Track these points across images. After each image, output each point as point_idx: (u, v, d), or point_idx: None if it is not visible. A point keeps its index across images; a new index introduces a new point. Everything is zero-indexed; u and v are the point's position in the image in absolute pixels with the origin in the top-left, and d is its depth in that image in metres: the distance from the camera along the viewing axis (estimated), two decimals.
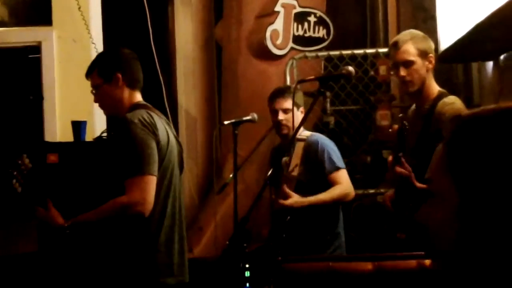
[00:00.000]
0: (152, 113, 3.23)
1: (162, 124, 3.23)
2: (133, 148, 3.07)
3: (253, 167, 5.61)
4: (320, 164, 4.13)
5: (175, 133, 3.45)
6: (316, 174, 4.14)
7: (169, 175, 3.22)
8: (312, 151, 4.17)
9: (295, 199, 4.00)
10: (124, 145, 3.10)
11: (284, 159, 3.97)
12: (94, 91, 3.40)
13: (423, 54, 3.59)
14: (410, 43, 3.61)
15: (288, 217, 4.18)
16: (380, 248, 4.24)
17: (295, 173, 4.18)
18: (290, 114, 4.19)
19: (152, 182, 3.08)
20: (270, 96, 4.36)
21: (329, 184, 4.11)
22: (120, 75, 3.30)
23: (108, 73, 3.32)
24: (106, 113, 3.49)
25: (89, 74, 3.40)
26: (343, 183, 4.12)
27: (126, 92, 3.31)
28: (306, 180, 4.13)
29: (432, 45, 3.67)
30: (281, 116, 4.26)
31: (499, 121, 1.07)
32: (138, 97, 3.36)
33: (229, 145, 5.14)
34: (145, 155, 3.07)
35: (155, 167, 3.10)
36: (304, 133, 4.26)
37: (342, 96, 5.40)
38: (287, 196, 3.98)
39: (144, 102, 3.36)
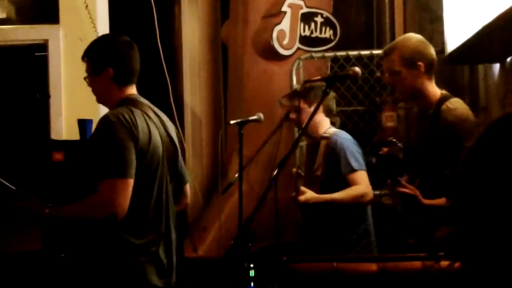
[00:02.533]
0: (135, 109, 3.09)
1: (143, 121, 3.07)
2: (109, 149, 2.96)
3: (258, 167, 5.61)
4: (337, 165, 4.13)
5: (169, 124, 3.28)
6: (335, 174, 4.14)
7: (152, 175, 3.10)
8: (331, 151, 4.17)
9: (308, 195, 4.03)
10: (101, 146, 3.00)
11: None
12: (85, 77, 3.25)
13: (409, 64, 3.52)
14: (396, 53, 3.55)
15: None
16: (386, 248, 4.24)
17: (318, 172, 4.21)
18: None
19: (126, 184, 2.95)
20: None
21: (348, 184, 4.12)
22: (111, 70, 3.15)
23: (98, 65, 3.17)
24: (96, 100, 3.31)
25: (83, 58, 3.25)
26: (360, 184, 4.12)
27: (114, 88, 3.16)
28: (328, 179, 4.14)
29: (425, 51, 3.55)
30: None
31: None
32: (130, 90, 3.20)
33: (234, 144, 5.14)
34: (121, 158, 2.95)
35: (131, 169, 2.96)
36: (329, 130, 4.27)
37: (348, 97, 5.39)
38: (301, 193, 4.02)
39: (133, 97, 3.19)
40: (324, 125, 4.31)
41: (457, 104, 3.51)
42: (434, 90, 3.58)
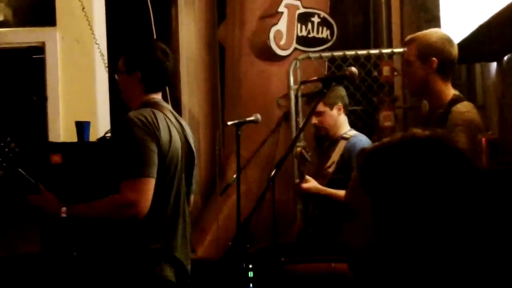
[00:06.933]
0: (157, 112, 3.13)
1: (165, 124, 3.13)
2: (131, 149, 3.00)
3: (256, 168, 5.61)
4: (351, 169, 4.08)
5: (188, 132, 3.34)
6: (346, 176, 4.12)
7: (170, 178, 3.14)
8: (347, 153, 4.18)
9: (311, 184, 4.05)
10: (123, 146, 3.03)
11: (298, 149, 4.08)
12: (117, 73, 3.32)
13: (423, 57, 3.47)
14: (413, 44, 3.53)
15: (316, 211, 4.22)
16: None
17: (331, 169, 4.22)
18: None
19: (149, 184, 2.98)
20: None
21: None
22: (139, 75, 3.20)
23: (130, 66, 3.22)
24: (121, 96, 3.36)
25: (121, 56, 3.31)
26: None
27: (140, 91, 3.21)
28: (338, 179, 4.14)
29: (443, 48, 3.44)
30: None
31: (402, 148, 1.30)
32: (154, 95, 3.25)
33: (232, 146, 5.14)
34: (143, 157, 2.98)
35: (153, 169, 3.00)
36: (349, 132, 4.30)
37: None
38: (306, 181, 4.06)
39: (156, 100, 3.24)
40: (345, 125, 4.36)
41: (467, 107, 3.43)
42: (448, 90, 3.48)
